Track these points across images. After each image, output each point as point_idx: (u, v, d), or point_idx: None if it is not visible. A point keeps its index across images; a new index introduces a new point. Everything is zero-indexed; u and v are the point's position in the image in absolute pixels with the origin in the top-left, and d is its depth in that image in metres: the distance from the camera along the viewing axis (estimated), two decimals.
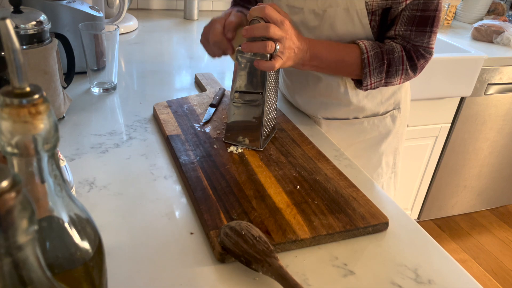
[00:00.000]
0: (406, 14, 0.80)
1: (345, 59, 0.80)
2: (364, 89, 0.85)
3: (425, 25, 0.80)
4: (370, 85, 0.83)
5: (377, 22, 0.82)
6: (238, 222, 0.56)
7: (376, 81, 0.82)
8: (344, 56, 0.80)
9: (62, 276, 0.30)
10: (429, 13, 0.79)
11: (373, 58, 0.80)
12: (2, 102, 0.24)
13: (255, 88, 0.76)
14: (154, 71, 1.16)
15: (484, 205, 2.25)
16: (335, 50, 0.80)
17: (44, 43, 0.79)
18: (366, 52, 0.80)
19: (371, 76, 0.81)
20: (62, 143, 0.77)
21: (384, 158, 1.02)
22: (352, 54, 0.80)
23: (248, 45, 0.70)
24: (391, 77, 0.83)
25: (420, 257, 0.59)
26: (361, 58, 0.80)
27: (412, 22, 0.80)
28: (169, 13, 1.82)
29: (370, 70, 0.80)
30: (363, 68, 0.80)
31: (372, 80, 0.82)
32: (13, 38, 0.23)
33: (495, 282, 1.89)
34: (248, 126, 0.78)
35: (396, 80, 0.84)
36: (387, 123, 0.98)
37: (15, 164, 0.26)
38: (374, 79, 0.82)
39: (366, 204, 0.66)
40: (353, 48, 0.81)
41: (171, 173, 0.72)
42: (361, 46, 0.80)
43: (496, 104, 1.82)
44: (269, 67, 0.71)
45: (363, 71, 0.81)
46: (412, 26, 0.80)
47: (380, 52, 0.80)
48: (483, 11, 2.11)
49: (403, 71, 0.82)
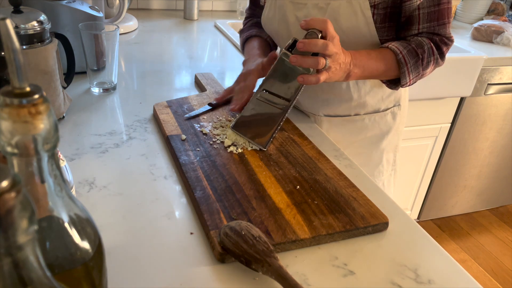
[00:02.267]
0: (425, 12, 0.81)
1: (384, 64, 0.81)
2: (402, 87, 0.86)
3: (444, 17, 0.82)
4: (409, 81, 0.84)
5: (381, 17, 0.82)
6: (238, 222, 0.56)
7: (414, 76, 0.84)
8: (382, 60, 0.81)
9: (62, 276, 0.30)
10: (443, 5, 0.81)
11: (407, 56, 0.81)
12: (2, 102, 0.24)
13: (285, 94, 0.76)
14: (154, 71, 1.16)
15: (484, 205, 2.25)
16: (374, 57, 0.81)
17: (44, 43, 0.79)
18: (399, 52, 0.81)
19: (410, 74, 0.83)
20: (62, 143, 0.77)
21: (385, 155, 1.02)
22: (387, 56, 0.81)
23: (299, 59, 0.70)
24: (426, 68, 0.84)
25: (420, 257, 0.59)
26: (396, 59, 0.81)
27: (433, 18, 0.82)
28: (169, 13, 1.82)
29: (408, 68, 0.82)
30: (401, 68, 0.82)
31: (411, 77, 0.83)
32: (13, 38, 0.23)
33: (495, 282, 1.89)
34: (262, 124, 0.78)
35: (429, 70, 0.86)
36: (387, 120, 0.99)
37: (15, 164, 0.26)
38: (413, 75, 0.83)
39: (366, 204, 0.66)
40: (386, 51, 0.82)
41: (171, 173, 0.72)
42: (393, 48, 0.82)
43: (496, 104, 1.82)
44: (314, 82, 0.71)
45: (401, 71, 0.82)
46: (434, 22, 0.82)
47: (412, 48, 0.82)
48: (483, 11, 2.11)
49: (434, 60, 0.84)
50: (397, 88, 0.88)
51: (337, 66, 0.73)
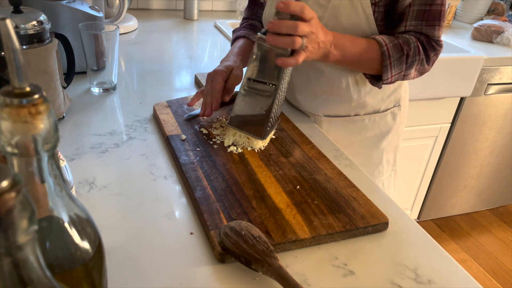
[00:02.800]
0: (415, 9, 0.81)
1: (366, 52, 0.80)
2: (383, 83, 0.84)
3: (434, 19, 0.81)
4: (390, 78, 0.82)
5: (381, 15, 0.82)
6: (238, 222, 0.56)
7: (396, 73, 0.82)
8: (366, 48, 0.80)
9: (62, 276, 0.30)
10: (436, 7, 0.80)
11: (392, 50, 0.80)
12: (2, 102, 0.24)
13: (270, 79, 0.74)
14: (154, 71, 1.16)
15: (484, 205, 2.25)
16: (357, 43, 0.79)
17: (44, 43, 0.79)
18: (385, 44, 0.80)
19: (392, 69, 0.81)
20: (62, 143, 0.77)
21: (385, 156, 1.02)
22: (372, 46, 0.80)
23: (274, 39, 0.69)
24: (409, 68, 0.83)
25: (420, 257, 0.59)
26: (380, 51, 0.80)
27: (421, 16, 0.81)
28: (169, 13, 1.82)
29: (391, 62, 0.80)
30: (384, 60, 0.80)
31: (392, 73, 0.82)
32: (13, 38, 0.23)
33: (495, 282, 1.89)
34: (255, 115, 0.77)
35: (412, 71, 0.84)
36: (387, 120, 0.99)
37: (15, 164, 0.26)
38: (395, 71, 0.82)
39: (366, 204, 0.66)
40: (372, 42, 0.81)
41: (171, 173, 0.72)
42: (379, 40, 0.80)
43: (496, 104, 1.82)
44: (293, 64, 0.70)
45: (383, 64, 0.81)
46: (423, 21, 0.81)
47: (398, 43, 0.80)
48: (483, 11, 2.11)
49: (419, 61, 0.82)
50: (379, 84, 0.86)
51: (315, 45, 0.71)
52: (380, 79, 0.84)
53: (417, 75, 0.86)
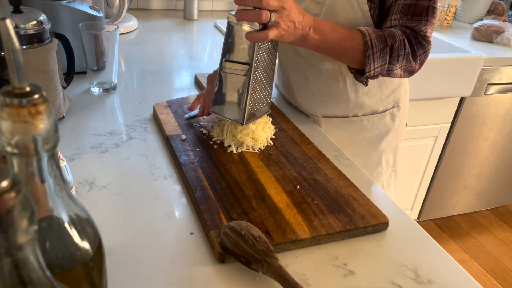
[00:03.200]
0: (401, 3, 0.79)
1: (348, 40, 0.78)
2: (367, 76, 0.81)
3: (421, 14, 0.79)
4: (373, 70, 0.80)
5: (377, 11, 0.82)
6: (238, 222, 0.56)
7: (379, 65, 0.80)
8: (347, 36, 0.78)
9: (62, 276, 0.30)
10: (423, 2, 0.78)
11: (375, 40, 0.78)
12: (2, 102, 0.24)
13: (244, 58, 0.72)
14: (154, 71, 1.16)
15: (484, 205, 2.24)
16: (339, 30, 0.78)
17: (44, 43, 0.79)
18: (368, 34, 0.78)
19: (375, 60, 0.79)
20: (62, 143, 0.77)
21: (384, 157, 1.02)
22: (355, 36, 0.78)
23: (241, 13, 0.68)
24: (394, 62, 0.80)
25: (420, 257, 0.59)
26: (363, 40, 0.78)
27: (407, 11, 0.79)
28: (169, 13, 1.82)
29: (373, 53, 0.78)
30: (366, 51, 0.78)
31: (375, 64, 0.79)
32: (13, 38, 0.23)
33: (495, 282, 1.89)
34: (235, 97, 0.75)
35: (398, 67, 0.81)
36: (386, 121, 0.98)
37: (15, 164, 0.26)
38: (378, 62, 0.79)
39: (366, 204, 0.66)
40: (355, 32, 0.79)
41: (171, 173, 0.72)
42: (362, 30, 0.79)
43: (496, 104, 1.82)
44: (262, 38, 0.68)
45: (366, 54, 0.78)
46: (408, 15, 0.80)
47: (382, 35, 0.79)
48: (483, 11, 2.11)
49: (405, 55, 0.80)
50: (363, 79, 0.83)
51: (289, 24, 0.70)
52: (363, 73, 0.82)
53: (404, 74, 0.84)
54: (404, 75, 0.84)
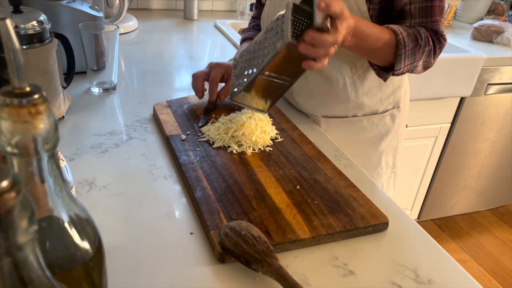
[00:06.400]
0: (417, 6, 0.80)
1: (382, 38, 0.77)
2: (394, 74, 0.81)
3: (436, 15, 0.81)
4: (403, 68, 0.80)
5: (376, 12, 0.82)
6: (238, 222, 0.56)
7: (409, 63, 0.80)
8: (381, 37, 0.77)
9: (62, 276, 0.30)
10: (435, 2, 0.80)
11: (408, 38, 0.78)
12: (2, 102, 0.24)
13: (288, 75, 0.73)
14: (154, 71, 1.16)
15: (484, 205, 2.24)
16: (374, 32, 0.76)
17: (44, 43, 0.79)
18: (400, 32, 0.77)
19: (406, 58, 0.79)
20: (62, 143, 0.77)
21: (384, 158, 1.02)
22: (387, 35, 0.77)
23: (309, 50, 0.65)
24: (420, 59, 0.81)
25: (420, 257, 0.59)
26: (396, 39, 0.77)
27: (425, 13, 0.80)
28: (169, 13, 1.82)
29: (405, 51, 0.78)
30: (399, 49, 0.78)
31: (406, 62, 0.79)
32: (13, 38, 0.23)
33: (495, 282, 1.89)
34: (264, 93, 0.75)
35: (421, 63, 0.82)
36: (386, 122, 0.98)
37: (15, 164, 0.26)
38: (408, 61, 0.80)
39: (366, 204, 0.66)
40: (387, 31, 0.78)
41: (171, 173, 0.72)
42: (393, 28, 0.78)
43: (496, 104, 1.82)
44: (320, 67, 0.67)
45: (398, 53, 0.78)
46: (427, 17, 0.81)
47: (412, 33, 0.79)
48: (483, 11, 2.11)
49: (428, 51, 0.81)
50: (387, 76, 0.84)
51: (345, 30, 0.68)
52: (388, 70, 0.82)
53: (422, 70, 0.85)
54: (421, 71, 0.85)
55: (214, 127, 0.80)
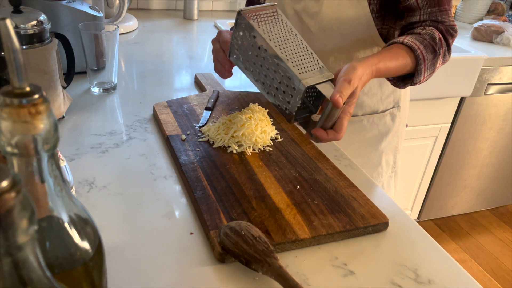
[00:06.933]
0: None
1: (402, 65, 0.75)
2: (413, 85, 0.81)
3: (444, 3, 0.79)
4: (423, 79, 0.79)
5: (377, 6, 0.82)
6: (238, 222, 0.56)
7: (428, 74, 0.79)
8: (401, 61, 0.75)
9: (62, 276, 0.30)
10: None
11: (425, 52, 0.76)
12: (2, 102, 0.24)
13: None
14: (154, 71, 1.16)
15: (484, 205, 2.25)
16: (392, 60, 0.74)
17: (44, 43, 0.79)
18: (417, 47, 0.75)
19: (425, 71, 0.78)
20: (62, 143, 0.77)
21: (384, 157, 1.02)
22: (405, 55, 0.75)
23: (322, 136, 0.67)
24: (436, 63, 0.80)
25: (420, 257, 0.59)
26: (414, 54, 0.76)
27: (433, 3, 0.79)
28: (169, 13, 1.82)
29: (425, 65, 0.77)
30: (419, 64, 0.76)
31: (425, 74, 0.78)
32: (13, 38, 0.23)
33: (495, 282, 1.89)
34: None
35: (438, 66, 0.81)
36: (386, 121, 0.98)
37: (15, 164, 0.26)
38: (428, 72, 0.79)
39: (366, 204, 0.66)
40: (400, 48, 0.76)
41: (171, 173, 0.72)
42: (409, 44, 0.75)
43: (496, 104, 1.82)
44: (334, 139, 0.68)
45: (417, 68, 0.77)
46: (436, 7, 0.79)
47: (428, 44, 0.77)
48: (483, 11, 2.11)
49: (443, 53, 0.80)
50: (405, 86, 0.83)
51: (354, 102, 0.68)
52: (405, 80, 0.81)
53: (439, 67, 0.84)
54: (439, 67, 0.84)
55: (214, 127, 0.80)
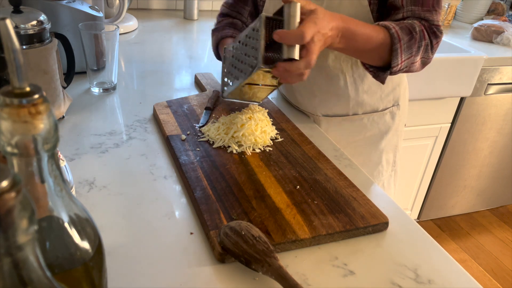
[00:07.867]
0: None
1: (374, 36, 0.74)
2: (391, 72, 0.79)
3: (428, 4, 0.79)
4: (400, 63, 0.77)
5: (376, 5, 0.82)
6: (238, 222, 0.56)
7: (406, 58, 0.77)
8: (373, 32, 0.74)
9: (62, 276, 0.30)
10: None
11: (401, 32, 0.75)
12: (2, 102, 0.24)
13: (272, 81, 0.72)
14: (154, 71, 1.16)
15: (484, 205, 2.24)
16: (365, 32, 0.73)
17: (44, 43, 0.79)
18: (392, 27, 0.75)
19: (402, 53, 0.76)
20: (62, 143, 0.77)
21: (384, 156, 1.02)
22: (379, 30, 0.75)
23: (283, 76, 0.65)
24: (417, 54, 0.78)
25: (420, 257, 0.59)
26: (389, 33, 0.74)
27: (416, 1, 0.78)
28: (169, 13, 1.82)
29: (401, 45, 0.75)
30: (394, 44, 0.75)
31: (402, 58, 0.76)
32: (13, 38, 0.23)
33: (495, 282, 1.89)
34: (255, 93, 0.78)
35: (418, 59, 0.79)
36: (386, 120, 0.99)
37: (15, 164, 0.26)
38: (405, 55, 0.76)
39: (366, 204, 0.66)
40: (379, 28, 0.75)
41: (171, 173, 0.72)
42: (384, 24, 0.76)
43: (496, 104, 1.82)
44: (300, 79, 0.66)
45: (393, 48, 0.75)
46: (418, 6, 0.79)
47: (404, 26, 0.76)
48: (483, 11, 2.11)
49: (425, 46, 0.78)
50: (385, 76, 0.81)
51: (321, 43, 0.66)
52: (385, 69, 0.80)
53: (420, 67, 0.82)
54: (419, 68, 0.83)
55: (214, 127, 0.80)
